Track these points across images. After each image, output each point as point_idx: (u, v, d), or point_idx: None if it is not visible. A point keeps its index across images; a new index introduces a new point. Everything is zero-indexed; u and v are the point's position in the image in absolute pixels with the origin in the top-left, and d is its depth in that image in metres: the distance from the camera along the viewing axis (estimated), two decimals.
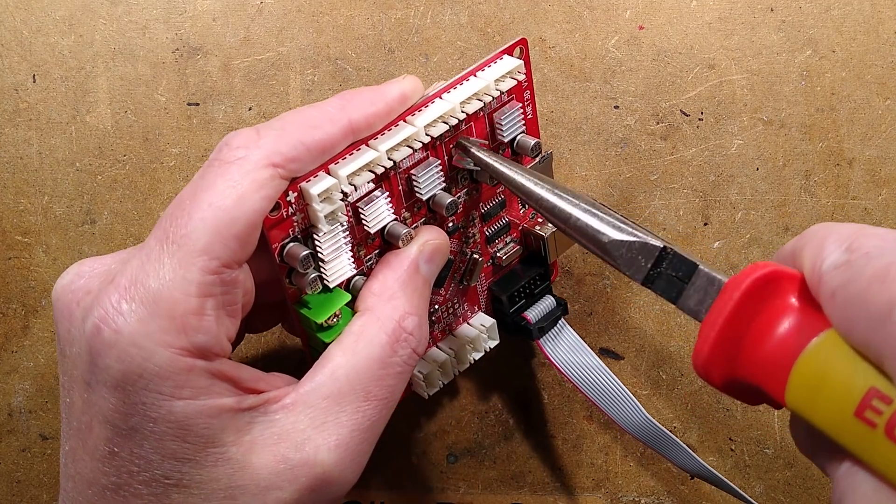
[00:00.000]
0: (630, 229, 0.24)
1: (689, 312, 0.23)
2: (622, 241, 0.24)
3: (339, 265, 0.27)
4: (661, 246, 0.23)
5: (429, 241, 0.28)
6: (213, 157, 0.24)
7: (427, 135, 0.27)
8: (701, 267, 0.23)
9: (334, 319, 0.27)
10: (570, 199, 0.25)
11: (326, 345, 0.26)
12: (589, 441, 0.33)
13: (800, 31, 0.35)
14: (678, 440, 0.32)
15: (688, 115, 0.35)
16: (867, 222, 0.35)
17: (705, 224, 0.35)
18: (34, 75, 0.35)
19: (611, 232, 0.24)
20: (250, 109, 0.35)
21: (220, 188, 0.23)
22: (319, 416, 0.24)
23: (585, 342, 0.33)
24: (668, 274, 0.23)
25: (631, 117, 0.35)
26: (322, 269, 0.27)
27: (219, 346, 0.23)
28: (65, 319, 0.24)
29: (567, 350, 0.32)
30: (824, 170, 0.35)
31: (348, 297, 0.27)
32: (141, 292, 0.22)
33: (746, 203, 0.35)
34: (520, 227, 0.32)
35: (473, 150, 0.28)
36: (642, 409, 0.32)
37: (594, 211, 0.25)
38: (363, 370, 0.25)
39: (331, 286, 0.27)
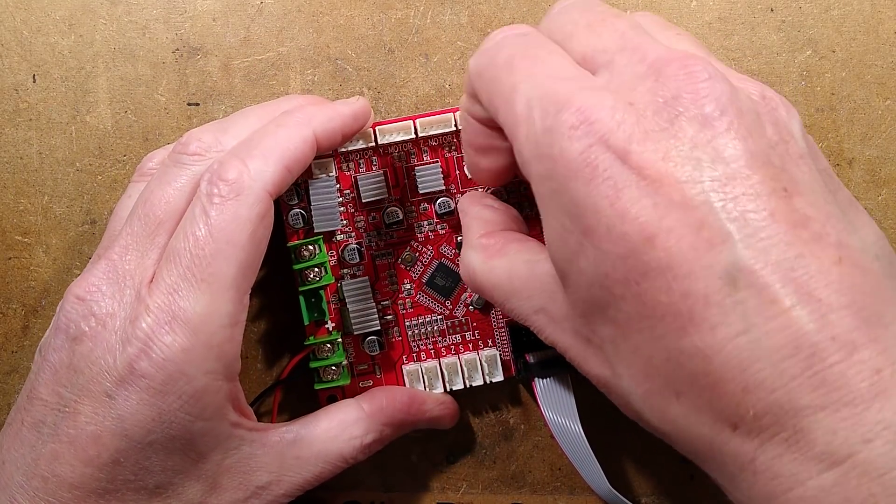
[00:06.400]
0: None
1: None
2: None
3: (326, 215, 0.31)
4: None
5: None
6: (210, 192, 0.26)
7: (424, 134, 0.32)
8: None
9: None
10: None
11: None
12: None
13: (800, 31, 0.35)
14: None
15: None
16: None
17: None
18: (34, 75, 0.35)
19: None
20: None
21: (231, 226, 0.26)
22: (286, 468, 0.27)
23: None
24: None
25: None
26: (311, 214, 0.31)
27: (239, 365, 0.26)
28: (78, 337, 0.26)
29: (556, 404, 0.33)
30: None
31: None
32: (181, 324, 0.25)
33: None
34: None
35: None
36: (606, 481, 0.32)
37: None
38: (330, 455, 0.28)
39: (315, 230, 0.30)
